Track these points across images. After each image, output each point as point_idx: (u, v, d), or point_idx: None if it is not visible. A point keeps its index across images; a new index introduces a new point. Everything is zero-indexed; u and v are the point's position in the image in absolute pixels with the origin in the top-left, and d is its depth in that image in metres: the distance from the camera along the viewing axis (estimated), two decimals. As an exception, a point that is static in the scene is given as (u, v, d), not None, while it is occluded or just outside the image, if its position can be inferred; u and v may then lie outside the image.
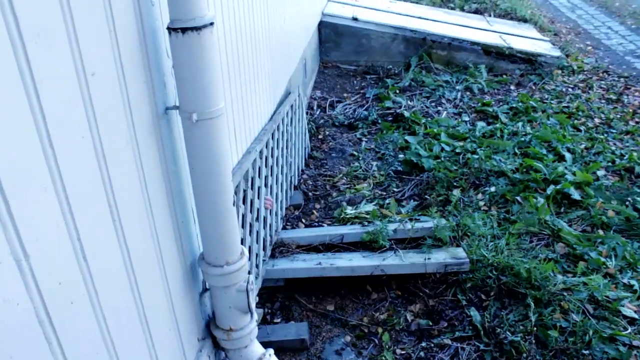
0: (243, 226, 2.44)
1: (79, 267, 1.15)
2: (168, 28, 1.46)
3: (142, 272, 1.44)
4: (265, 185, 2.96)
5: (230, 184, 1.69)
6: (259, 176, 2.76)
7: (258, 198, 2.74)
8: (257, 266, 2.63)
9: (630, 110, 5.31)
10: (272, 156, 3.13)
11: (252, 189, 2.61)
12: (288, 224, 3.43)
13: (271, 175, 3.11)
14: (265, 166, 2.96)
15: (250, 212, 2.57)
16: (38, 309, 1.01)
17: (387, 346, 2.56)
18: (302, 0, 4.70)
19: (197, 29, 1.43)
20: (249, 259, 2.46)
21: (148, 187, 1.48)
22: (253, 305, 1.90)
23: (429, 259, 2.91)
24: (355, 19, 6.39)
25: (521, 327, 2.61)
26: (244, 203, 2.46)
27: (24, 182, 0.97)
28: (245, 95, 2.54)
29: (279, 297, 2.83)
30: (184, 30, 1.43)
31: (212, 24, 1.47)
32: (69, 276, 1.11)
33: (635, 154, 4.31)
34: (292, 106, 3.83)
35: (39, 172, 1.02)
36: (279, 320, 2.68)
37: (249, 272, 1.95)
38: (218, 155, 1.60)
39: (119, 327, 1.31)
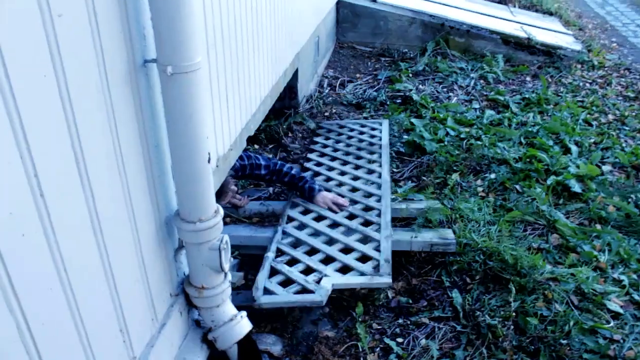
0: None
1: (34, 201, 1.17)
2: (147, -21, 1.47)
3: (108, 217, 1.47)
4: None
5: (204, 141, 1.70)
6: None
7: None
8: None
9: (647, 108, 5.21)
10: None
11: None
12: (282, 196, 3.45)
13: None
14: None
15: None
16: (-17, 234, 1.04)
17: (360, 319, 2.58)
18: (318, -25, 4.68)
19: (175, -20, 1.44)
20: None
21: (120, 137, 1.50)
22: (226, 265, 1.92)
23: (415, 237, 2.91)
24: (374, 1, 6.34)
25: (502, 312, 2.60)
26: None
27: (-25, 110, 1.00)
28: (241, 63, 2.55)
29: (263, 266, 2.86)
30: (161, -20, 1.44)
31: (191, -23, 1.48)
32: (21, 208, 1.13)
33: (644, 151, 4.24)
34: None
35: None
36: (260, 287, 2.71)
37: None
38: (193, 110, 1.61)
39: (77, 269, 1.33)
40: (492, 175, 3.80)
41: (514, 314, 2.59)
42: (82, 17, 1.29)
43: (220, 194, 2.66)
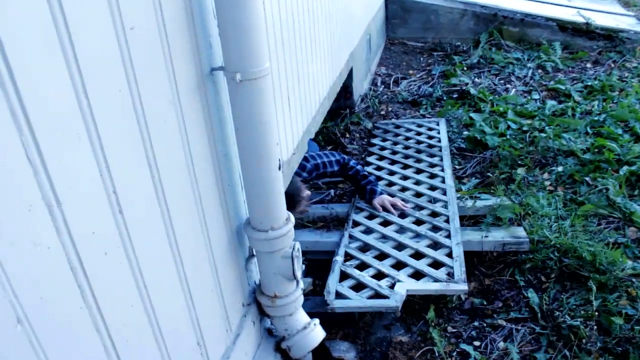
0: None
1: (114, 219, 1.16)
2: (212, -14, 1.45)
3: (183, 230, 1.45)
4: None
5: (275, 148, 1.66)
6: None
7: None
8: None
9: None
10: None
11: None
12: (344, 198, 3.40)
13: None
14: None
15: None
16: (70, 256, 1.02)
17: (433, 323, 2.50)
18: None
19: (241, -14, 1.41)
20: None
21: (191, 148, 1.48)
22: (298, 273, 1.88)
23: (486, 237, 2.81)
24: (423, -6, 6.22)
25: (582, 312, 2.47)
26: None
27: (58, 128, 0.98)
28: (300, 66, 2.51)
29: (331, 270, 2.81)
30: (227, -13, 1.41)
31: (256, -19, 1.45)
32: (103, 227, 1.12)
33: None
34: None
35: (73, 120, 1.02)
36: (329, 292, 2.67)
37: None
38: (262, 117, 1.58)
39: (156, 283, 1.32)
40: (560, 168, 3.64)
41: (596, 313, 2.46)
42: (152, 29, 1.27)
43: (294, 204, 2.58)
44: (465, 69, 5.52)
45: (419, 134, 4.13)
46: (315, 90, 2.83)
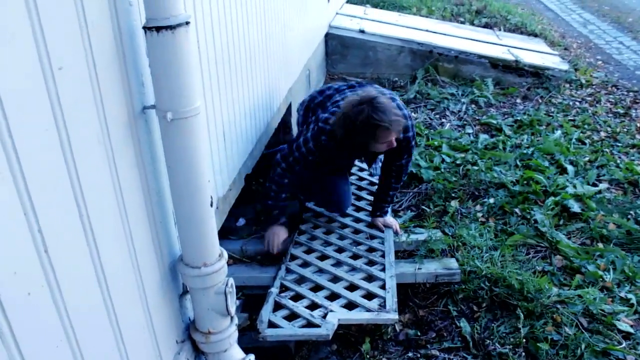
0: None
1: (39, 258, 1.15)
2: (144, 27, 1.48)
3: (113, 268, 1.44)
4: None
5: (206, 185, 1.69)
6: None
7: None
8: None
9: (638, 124, 5.25)
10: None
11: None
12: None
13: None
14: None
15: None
16: (-11, 297, 1.01)
17: (368, 355, 2.54)
18: (306, 9, 4.72)
19: (172, 27, 1.44)
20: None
21: (122, 185, 1.49)
22: (232, 309, 1.89)
23: (419, 269, 2.89)
24: (362, 32, 6.41)
25: (511, 340, 2.57)
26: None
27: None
28: (237, 104, 2.55)
29: (268, 304, 2.81)
30: (158, 29, 1.44)
31: (187, 23, 1.48)
32: (26, 267, 1.11)
33: (640, 167, 4.26)
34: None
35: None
36: (266, 326, 2.67)
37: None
38: (194, 155, 1.61)
39: (83, 322, 1.31)
40: (491, 200, 3.79)
41: (524, 340, 2.56)
42: (82, 68, 1.29)
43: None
44: (402, 103, 5.69)
45: (361, 169, 4.18)
46: (252, 126, 2.87)
